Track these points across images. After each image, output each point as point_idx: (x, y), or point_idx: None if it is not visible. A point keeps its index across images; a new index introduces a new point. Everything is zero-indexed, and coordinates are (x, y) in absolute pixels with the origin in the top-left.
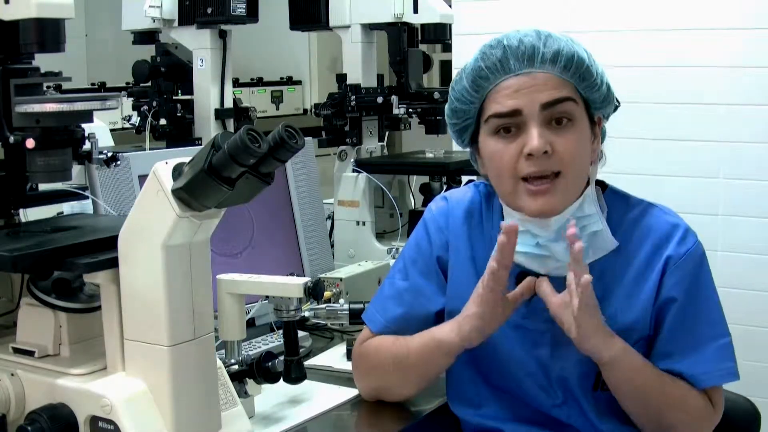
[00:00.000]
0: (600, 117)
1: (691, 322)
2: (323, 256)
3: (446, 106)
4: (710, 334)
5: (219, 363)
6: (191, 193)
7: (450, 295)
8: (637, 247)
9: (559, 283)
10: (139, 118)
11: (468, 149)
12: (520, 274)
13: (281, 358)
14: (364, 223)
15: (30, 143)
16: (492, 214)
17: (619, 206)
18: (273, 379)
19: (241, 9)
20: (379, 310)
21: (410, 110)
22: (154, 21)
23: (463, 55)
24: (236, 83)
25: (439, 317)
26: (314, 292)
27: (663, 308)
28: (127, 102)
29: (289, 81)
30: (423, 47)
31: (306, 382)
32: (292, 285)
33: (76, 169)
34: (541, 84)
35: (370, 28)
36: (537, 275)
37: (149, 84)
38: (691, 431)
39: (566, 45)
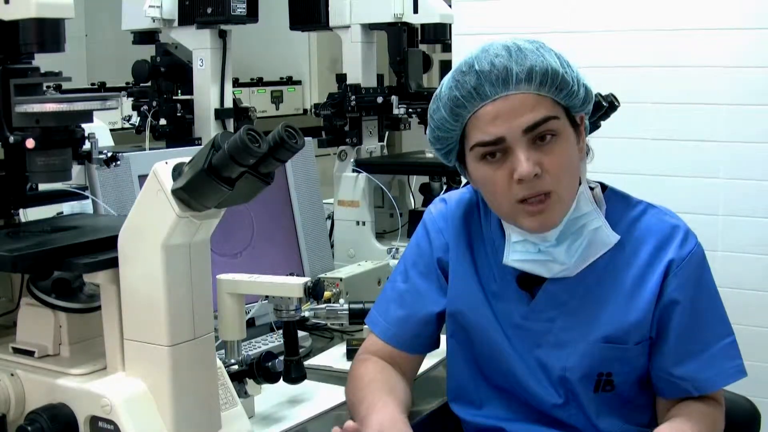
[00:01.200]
0: (582, 115)
1: (699, 324)
2: (323, 256)
3: (428, 133)
4: (717, 334)
5: (219, 363)
6: (191, 193)
7: (451, 297)
8: (638, 247)
9: (562, 285)
10: (139, 118)
11: (455, 165)
12: (521, 277)
13: (281, 358)
14: (364, 223)
15: (30, 143)
16: (491, 215)
17: (619, 207)
18: (273, 379)
19: (241, 9)
20: (381, 313)
21: (410, 110)
22: (154, 21)
23: (463, 55)
24: (236, 83)
25: (441, 318)
26: (314, 292)
27: (666, 311)
28: (127, 102)
29: (289, 81)
30: (423, 47)
31: (306, 382)
32: (292, 285)
33: (76, 169)
34: (519, 107)
35: (370, 28)
36: (540, 279)
37: (149, 84)
38: None
39: (538, 59)
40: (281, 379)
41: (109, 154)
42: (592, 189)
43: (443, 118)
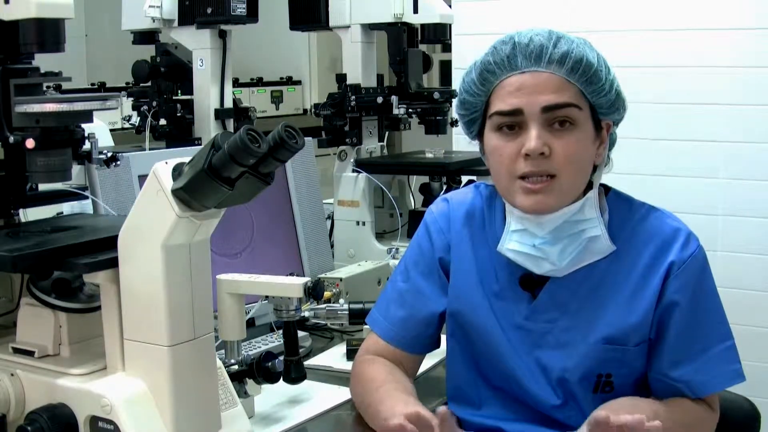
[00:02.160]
0: (609, 123)
1: (697, 327)
2: (323, 256)
3: (456, 99)
4: (716, 338)
5: (219, 363)
6: (191, 193)
7: (452, 297)
8: (640, 251)
9: (564, 286)
10: (138, 118)
11: (477, 142)
12: (523, 277)
13: (281, 358)
14: (364, 223)
15: (30, 143)
16: (493, 215)
17: (622, 210)
18: (273, 379)
19: (241, 9)
20: (381, 313)
21: (410, 110)
22: (154, 21)
23: (463, 55)
24: (236, 83)
25: (442, 318)
26: (314, 292)
27: (666, 313)
28: (127, 102)
29: (289, 81)
30: (423, 47)
31: (306, 382)
32: (292, 285)
33: (76, 169)
34: (544, 85)
35: (370, 28)
36: (541, 280)
37: (149, 84)
38: None
39: (576, 48)
40: (281, 379)
41: (109, 154)
42: None
43: (472, 81)
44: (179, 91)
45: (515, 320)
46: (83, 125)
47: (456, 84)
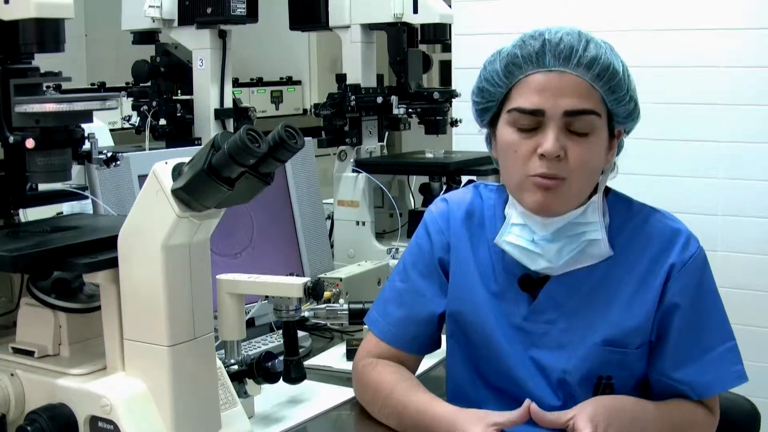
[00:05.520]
0: (621, 131)
1: (698, 328)
2: (323, 256)
3: (474, 84)
4: (717, 339)
5: (219, 363)
6: (191, 193)
7: (451, 297)
8: (640, 253)
9: (564, 287)
10: (138, 118)
11: (485, 130)
12: (522, 278)
13: (281, 358)
14: (363, 223)
15: (30, 143)
16: (492, 216)
17: (622, 212)
18: (273, 379)
19: (240, 9)
20: (380, 313)
21: (410, 110)
22: (153, 21)
23: (463, 55)
24: (236, 83)
25: (442, 319)
26: (314, 292)
27: (667, 315)
28: (127, 102)
29: (289, 81)
30: (423, 47)
31: (306, 382)
32: (291, 285)
33: (76, 169)
34: (570, 88)
35: (369, 28)
36: (541, 280)
37: (149, 84)
38: None
39: (605, 53)
40: (281, 379)
41: (109, 154)
42: None
43: (495, 71)
44: (179, 91)
45: (514, 321)
46: (83, 125)
47: (456, 84)
